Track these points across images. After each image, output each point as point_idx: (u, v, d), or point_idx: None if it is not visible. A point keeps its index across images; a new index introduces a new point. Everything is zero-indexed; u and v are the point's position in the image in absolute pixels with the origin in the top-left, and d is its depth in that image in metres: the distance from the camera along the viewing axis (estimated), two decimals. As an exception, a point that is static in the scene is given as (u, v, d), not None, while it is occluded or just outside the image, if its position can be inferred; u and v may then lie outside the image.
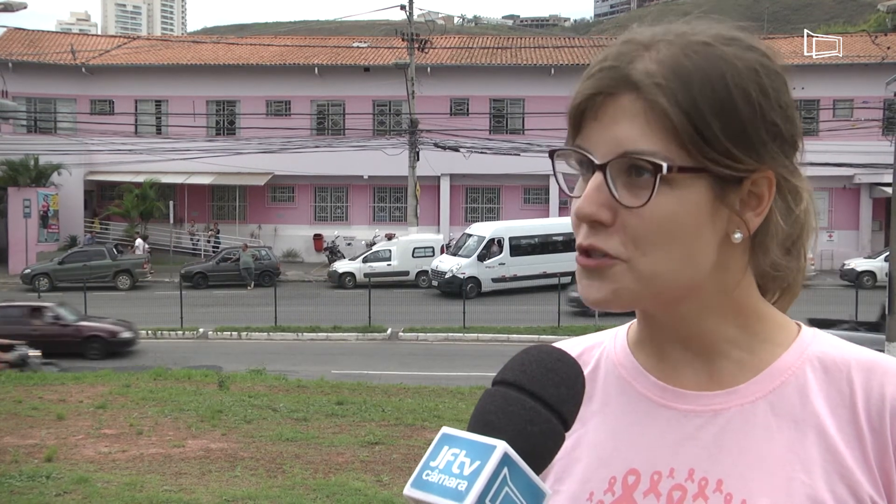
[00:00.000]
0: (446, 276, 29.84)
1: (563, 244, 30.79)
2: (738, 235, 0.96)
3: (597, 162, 0.94)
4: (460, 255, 30.58)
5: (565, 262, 29.80)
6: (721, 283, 0.98)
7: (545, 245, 31.12)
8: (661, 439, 1.01)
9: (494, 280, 30.20)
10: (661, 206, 0.92)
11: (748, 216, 0.96)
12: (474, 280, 29.71)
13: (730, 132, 0.93)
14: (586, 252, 0.96)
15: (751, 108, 0.93)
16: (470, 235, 31.46)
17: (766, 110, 0.94)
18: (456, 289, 29.19)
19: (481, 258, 30.13)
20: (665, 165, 0.91)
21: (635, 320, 1.10)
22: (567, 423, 0.83)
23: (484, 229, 31.67)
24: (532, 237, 31.34)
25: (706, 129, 0.92)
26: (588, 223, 0.95)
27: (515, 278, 30.43)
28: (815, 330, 1.03)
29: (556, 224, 32.37)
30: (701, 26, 0.98)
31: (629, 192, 0.93)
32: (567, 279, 28.14)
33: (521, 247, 30.93)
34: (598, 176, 0.94)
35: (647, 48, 0.95)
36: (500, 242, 30.70)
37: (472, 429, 0.82)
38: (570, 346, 1.13)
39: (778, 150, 0.96)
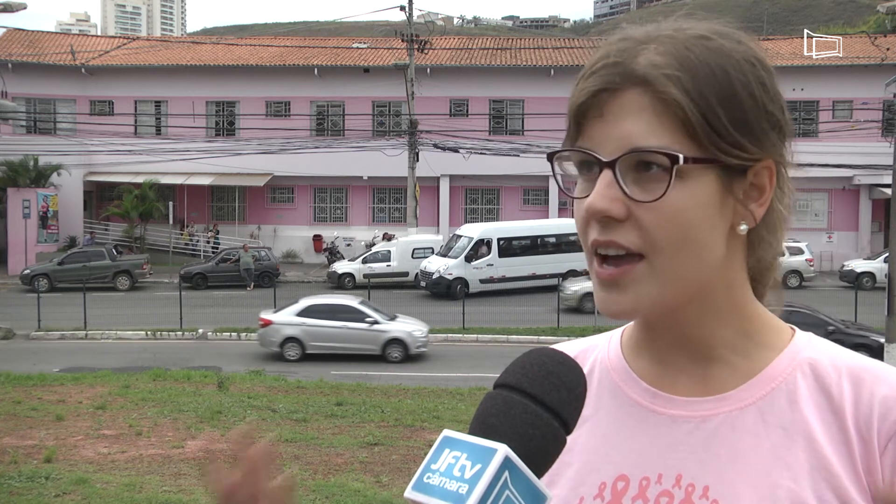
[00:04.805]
0: (433, 277, 29.77)
1: (553, 246, 30.76)
2: (743, 227, 0.97)
3: (605, 160, 0.93)
4: (450, 256, 30.44)
5: (555, 263, 29.82)
6: (726, 280, 0.99)
7: (534, 246, 31.00)
8: (651, 445, 1.01)
9: (482, 281, 29.95)
10: (675, 199, 0.92)
11: (752, 207, 0.97)
12: (462, 281, 29.53)
13: (736, 122, 0.93)
14: (603, 256, 0.95)
15: (752, 98, 0.94)
16: (459, 236, 31.32)
17: (766, 101, 0.96)
18: (443, 290, 29.11)
19: (468, 259, 29.96)
20: (682, 157, 0.91)
21: (630, 323, 1.10)
22: (568, 427, 0.83)
23: (472, 230, 31.47)
24: (521, 238, 31.19)
25: (715, 119, 0.92)
26: (600, 220, 0.94)
27: (504, 279, 30.23)
28: (810, 335, 1.03)
29: (546, 225, 32.25)
30: (691, 23, 0.98)
31: (639, 188, 0.92)
32: (555, 281, 28.09)
33: (510, 248, 30.78)
34: (607, 173, 0.93)
35: (647, 43, 0.95)
36: (488, 243, 30.54)
37: (473, 432, 0.82)
38: (567, 349, 1.13)
39: (777, 139, 0.97)
